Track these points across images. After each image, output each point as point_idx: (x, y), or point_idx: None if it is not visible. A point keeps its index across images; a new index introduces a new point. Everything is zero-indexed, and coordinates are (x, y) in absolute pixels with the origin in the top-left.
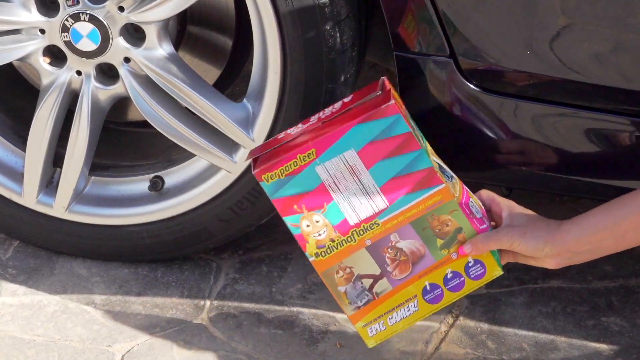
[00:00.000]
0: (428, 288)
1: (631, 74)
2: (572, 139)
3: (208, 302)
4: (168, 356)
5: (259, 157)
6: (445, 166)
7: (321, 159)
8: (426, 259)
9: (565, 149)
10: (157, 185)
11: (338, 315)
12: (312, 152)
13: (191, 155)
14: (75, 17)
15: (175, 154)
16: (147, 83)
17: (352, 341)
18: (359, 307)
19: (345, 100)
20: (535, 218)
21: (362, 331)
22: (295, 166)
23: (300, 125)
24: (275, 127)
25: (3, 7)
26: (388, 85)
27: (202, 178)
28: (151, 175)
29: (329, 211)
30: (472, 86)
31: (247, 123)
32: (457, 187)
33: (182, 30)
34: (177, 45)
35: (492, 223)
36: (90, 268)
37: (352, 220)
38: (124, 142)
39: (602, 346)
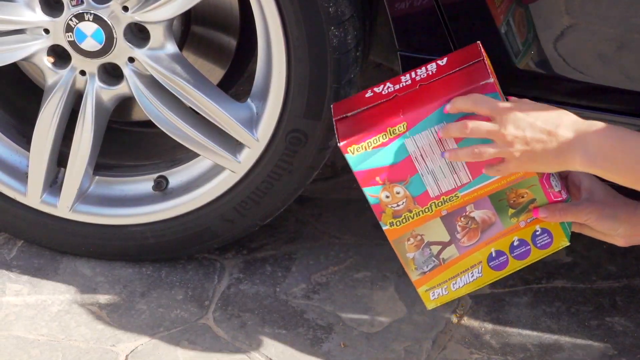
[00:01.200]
0: (494, 255)
1: (635, 74)
2: None
3: (212, 302)
4: (172, 356)
5: (342, 120)
6: None
7: (412, 132)
8: (495, 226)
9: None
10: (161, 185)
11: (342, 315)
12: (403, 125)
13: (195, 155)
14: (80, 17)
15: (180, 154)
16: (151, 83)
17: (357, 341)
18: (424, 273)
19: (440, 62)
20: (614, 195)
21: (424, 295)
22: (384, 139)
23: (389, 84)
24: (280, 126)
25: (7, 6)
26: (483, 53)
27: (206, 178)
28: (155, 175)
29: (411, 183)
30: None
31: (251, 123)
32: None
33: (186, 30)
34: (181, 45)
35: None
36: (94, 268)
37: (433, 193)
38: (128, 142)
39: (607, 346)
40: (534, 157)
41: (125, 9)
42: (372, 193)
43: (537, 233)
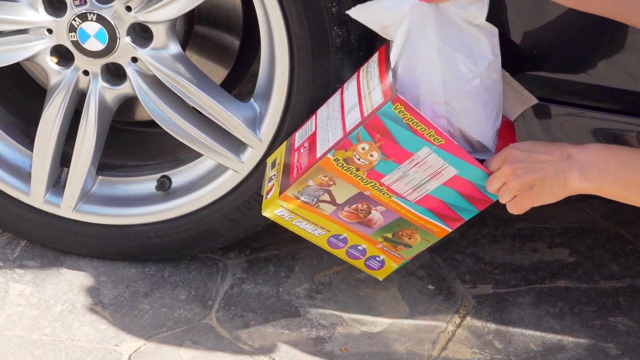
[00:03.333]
0: (340, 237)
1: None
2: (581, 139)
3: (215, 302)
4: (175, 356)
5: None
6: None
7: (437, 150)
8: (369, 229)
9: None
10: (164, 184)
11: (345, 315)
12: (441, 141)
13: (198, 155)
14: (83, 17)
15: (183, 154)
16: (155, 83)
17: (359, 341)
18: (297, 198)
19: None
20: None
21: (274, 205)
22: (420, 130)
23: None
24: (283, 126)
25: (11, 7)
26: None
27: (209, 178)
28: (158, 175)
29: (386, 163)
30: None
31: (255, 123)
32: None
33: (190, 30)
34: (184, 45)
35: None
36: (97, 268)
37: (386, 181)
38: (131, 141)
39: (610, 346)
40: (538, 184)
41: (129, 8)
42: (362, 137)
43: (378, 258)
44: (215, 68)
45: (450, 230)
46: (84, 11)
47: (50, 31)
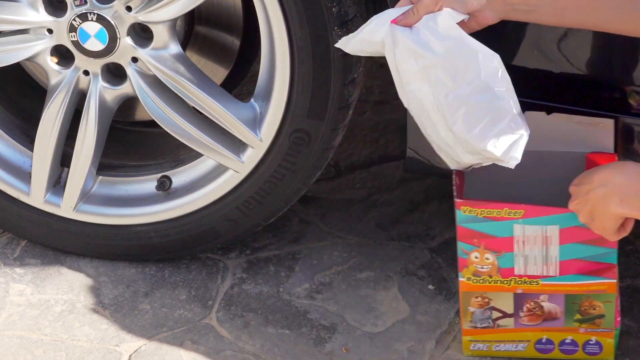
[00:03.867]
0: (543, 341)
1: None
2: None
3: (215, 302)
4: (175, 356)
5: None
6: None
7: (525, 221)
8: (558, 321)
9: None
10: (164, 185)
11: (346, 315)
12: (521, 212)
13: (199, 155)
14: (83, 17)
15: (183, 154)
16: (155, 83)
17: (360, 341)
18: (476, 327)
19: None
20: None
21: (466, 343)
22: (497, 214)
23: None
24: (283, 126)
25: (11, 7)
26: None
27: (209, 178)
28: (159, 175)
29: (503, 257)
30: None
31: (255, 123)
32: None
33: (190, 30)
34: (184, 45)
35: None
36: (97, 268)
37: (519, 272)
38: (131, 141)
39: None
40: (594, 215)
41: (129, 8)
42: (465, 249)
43: (591, 342)
44: (216, 68)
45: (615, 281)
46: (84, 11)
47: (50, 31)
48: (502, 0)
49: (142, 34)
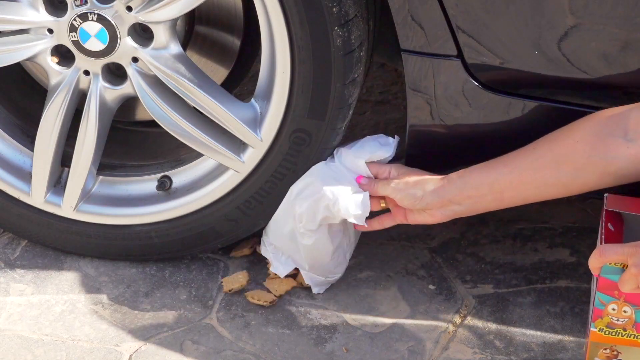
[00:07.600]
0: None
1: None
2: None
3: (216, 302)
4: (176, 356)
5: (614, 218)
6: None
7: None
8: None
9: None
10: (165, 184)
11: (346, 315)
12: None
13: (199, 155)
14: (84, 17)
15: (183, 154)
16: (155, 83)
17: (360, 341)
18: None
19: None
20: (419, 171)
21: None
22: None
23: None
24: (284, 126)
25: (11, 6)
26: None
27: (210, 178)
28: (159, 175)
29: None
30: (479, 85)
31: (255, 123)
32: None
33: (190, 30)
34: (185, 45)
35: None
36: (98, 267)
37: None
38: (131, 141)
39: None
40: None
41: (129, 8)
42: (603, 300)
43: None
44: (216, 68)
45: None
46: (84, 11)
47: (50, 31)
48: (448, 201)
49: (142, 34)
